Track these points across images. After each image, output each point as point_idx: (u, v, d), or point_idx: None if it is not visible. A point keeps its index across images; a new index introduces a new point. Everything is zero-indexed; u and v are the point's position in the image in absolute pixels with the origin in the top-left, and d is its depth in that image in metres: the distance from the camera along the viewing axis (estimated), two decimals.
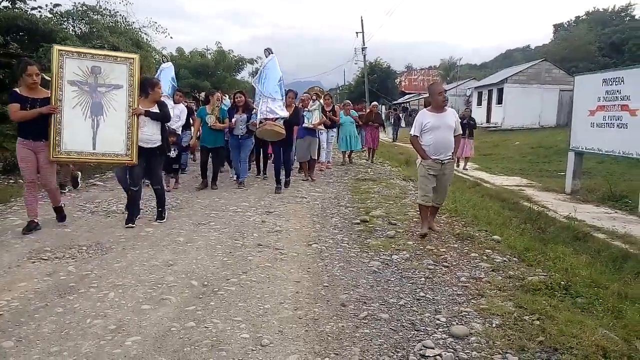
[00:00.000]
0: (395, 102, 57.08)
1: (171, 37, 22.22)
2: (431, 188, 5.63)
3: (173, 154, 8.29)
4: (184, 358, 2.90)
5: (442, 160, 5.58)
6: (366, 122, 13.79)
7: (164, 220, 6.18)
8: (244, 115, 8.79)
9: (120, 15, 15.86)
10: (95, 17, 15.24)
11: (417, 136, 5.62)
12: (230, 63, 29.08)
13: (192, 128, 9.40)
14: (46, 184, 5.66)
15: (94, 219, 6.31)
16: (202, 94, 12.85)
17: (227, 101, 11.75)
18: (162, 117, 6.07)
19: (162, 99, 6.37)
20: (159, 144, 6.02)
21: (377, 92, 47.71)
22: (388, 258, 4.88)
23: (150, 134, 5.93)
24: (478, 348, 3.07)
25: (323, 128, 11.13)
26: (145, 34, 17.07)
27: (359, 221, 6.37)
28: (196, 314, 3.50)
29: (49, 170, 5.59)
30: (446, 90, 5.88)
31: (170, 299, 3.75)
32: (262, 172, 10.39)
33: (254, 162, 10.71)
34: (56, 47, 5.57)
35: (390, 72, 58.48)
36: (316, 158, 10.68)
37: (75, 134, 5.47)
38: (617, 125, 8.25)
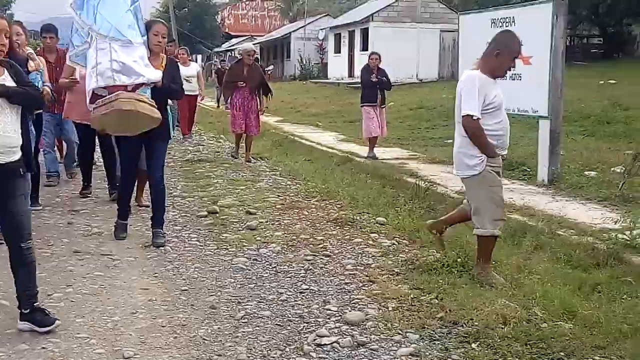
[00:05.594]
0: (219, 49, 57.99)
1: None
2: None
3: None
4: None
5: (504, 156, 5.40)
6: (230, 82, 11.69)
7: None
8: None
9: None
10: None
11: (480, 119, 4.96)
12: None
13: None
14: None
15: None
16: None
17: None
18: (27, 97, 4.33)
19: None
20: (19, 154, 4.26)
21: (191, 34, 48.15)
22: (255, 253, 5.83)
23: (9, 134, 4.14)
24: (376, 331, 4.13)
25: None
26: None
27: (205, 213, 7.27)
28: (23, 336, 4.04)
29: None
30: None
31: None
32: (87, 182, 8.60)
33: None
34: None
35: (209, 5, 59.14)
36: None
37: None
38: (510, 77, 10.05)
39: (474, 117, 4.89)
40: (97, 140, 8.26)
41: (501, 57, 5.02)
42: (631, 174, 8.15)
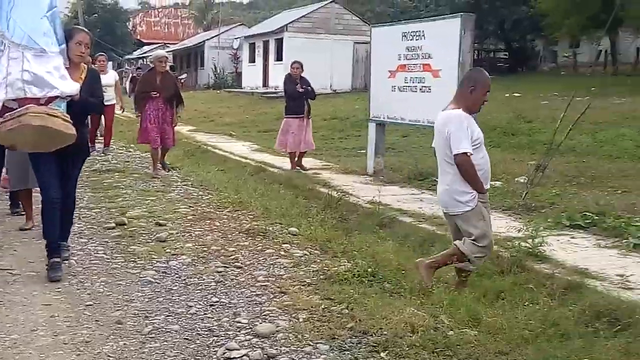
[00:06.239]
0: (130, 56, 56.99)
1: None
2: None
3: None
4: None
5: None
6: (142, 92, 10.99)
7: None
8: None
9: None
10: None
11: (472, 154, 5.13)
12: None
13: None
14: None
15: None
16: None
17: None
18: None
19: None
20: None
21: (102, 41, 47.03)
22: (164, 265, 5.73)
23: None
24: (287, 343, 4.12)
25: None
26: None
27: (113, 225, 7.09)
28: None
29: None
30: None
31: None
32: None
33: None
34: None
35: (120, 11, 58.08)
36: None
37: None
38: (420, 89, 10.31)
39: (469, 154, 5.03)
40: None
41: (475, 92, 5.20)
42: (533, 183, 8.49)
